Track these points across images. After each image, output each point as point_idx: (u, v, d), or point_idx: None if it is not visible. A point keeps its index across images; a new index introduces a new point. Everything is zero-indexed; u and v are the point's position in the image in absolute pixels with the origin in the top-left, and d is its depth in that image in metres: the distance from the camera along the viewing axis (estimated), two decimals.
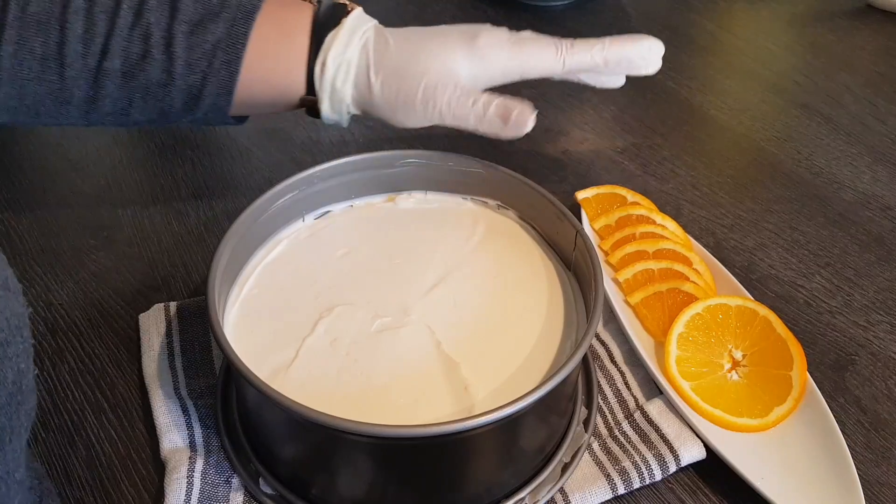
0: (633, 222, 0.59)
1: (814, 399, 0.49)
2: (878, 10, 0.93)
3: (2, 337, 0.30)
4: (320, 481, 0.44)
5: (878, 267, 0.61)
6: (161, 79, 0.50)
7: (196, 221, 0.63)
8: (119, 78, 0.49)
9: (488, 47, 0.53)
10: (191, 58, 0.49)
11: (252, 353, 0.44)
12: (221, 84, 0.51)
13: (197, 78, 0.50)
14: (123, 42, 0.48)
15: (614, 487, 0.46)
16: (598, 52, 0.55)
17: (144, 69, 0.49)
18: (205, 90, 0.51)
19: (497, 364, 0.45)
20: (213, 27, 0.50)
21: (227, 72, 0.50)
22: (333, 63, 0.52)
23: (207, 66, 0.50)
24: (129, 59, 0.49)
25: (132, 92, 0.50)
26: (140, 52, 0.49)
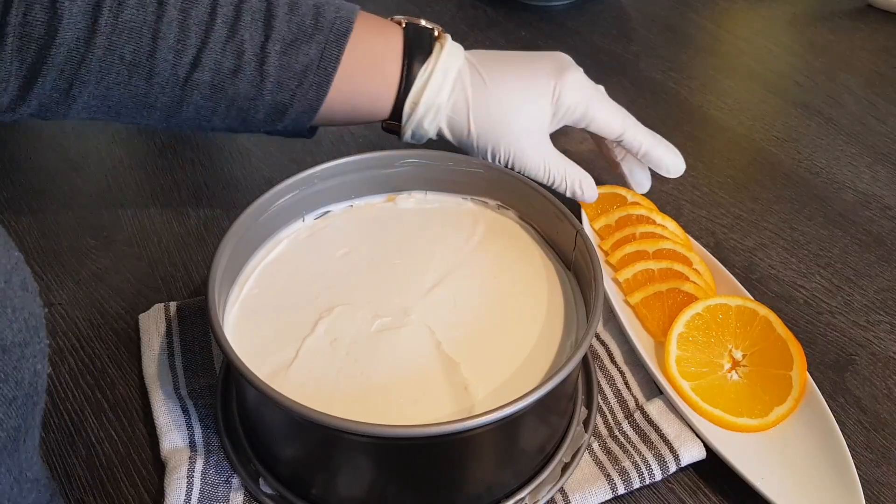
0: (633, 222, 0.59)
1: (814, 399, 0.49)
2: (878, 10, 0.93)
3: (20, 338, 0.30)
4: (320, 481, 0.44)
5: (878, 267, 0.61)
6: (249, 94, 0.50)
7: (196, 221, 0.63)
8: (207, 89, 0.50)
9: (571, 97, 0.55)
10: (282, 77, 0.50)
11: (252, 353, 0.44)
12: (308, 103, 0.52)
13: (285, 96, 0.51)
14: (216, 56, 0.48)
15: (614, 487, 0.46)
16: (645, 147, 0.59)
17: (234, 84, 0.50)
18: (291, 108, 0.51)
19: (497, 364, 0.45)
20: (307, 48, 0.50)
21: (316, 93, 0.51)
22: (425, 106, 0.53)
23: (297, 86, 0.51)
24: (220, 72, 0.49)
25: (218, 102, 0.50)
26: (232, 67, 0.49)
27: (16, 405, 0.30)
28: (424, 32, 0.54)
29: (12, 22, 0.44)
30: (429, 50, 0.54)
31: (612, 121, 0.57)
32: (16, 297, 0.30)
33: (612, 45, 0.85)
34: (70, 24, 0.45)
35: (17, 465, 0.32)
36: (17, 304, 0.30)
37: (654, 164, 0.60)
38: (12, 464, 0.31)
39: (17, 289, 0.31)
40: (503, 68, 0.55)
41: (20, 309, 0.30)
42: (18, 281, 0.31)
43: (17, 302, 0.30)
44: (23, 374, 0.30)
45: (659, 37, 0.87)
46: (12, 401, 0.30)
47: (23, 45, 0.45)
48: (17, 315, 0.30)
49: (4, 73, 0.45)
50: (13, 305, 0.30)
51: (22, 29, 0.44)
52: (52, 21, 0.45)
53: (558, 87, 0.55)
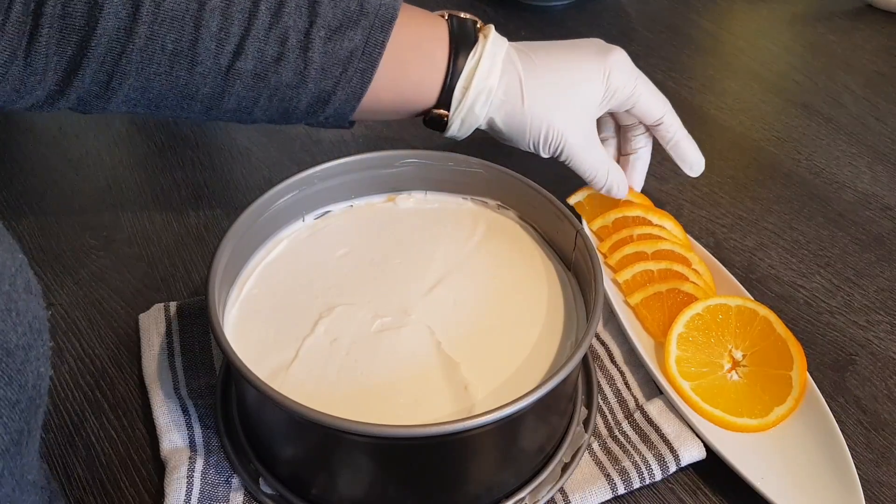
0: (630, 223, 0.59)
1: (814, 399, 0.49)
2: (878, 10, 0.93)
3: (24, 341, 0.30)
4: (320, 481, 0.44)
5: (878, 267, 0.61)
6: (292, 82, 0.49)
7: (196, 221, 0.63)
8: (250, 78, 0.49)
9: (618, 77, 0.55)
10: (326, 63, 0.49)
11: (252, 353, 0.44)
12: (352, 90, 0.51)
13: (329, 83, 0.50)
14: (259, 43, 0.48)
15: (614, 487, 0.46)
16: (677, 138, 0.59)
17: (277, 71, 0.49)
18: (334, 96, 0.50)
19: (497, 364, 0.45)
20: (352, 34, 0.49)
21: (360, 79, 0.50)
22: (476, 89, 0.53)
23: (341, 73, 0.50)
24: (264, 60, 0.48)
25: (260, 92, 0.49)
26: (275, 55, 0.48)
27: (19, 408, 0.30)
28: (467, 22, 0.54)
29: (48, 13, 0.43)
30: (473, 38, 0.53)
31: (655, 103, 0.57)
32: (20, 300, 0.30)
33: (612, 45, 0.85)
34: (111, 13, 0.44)
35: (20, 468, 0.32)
36: (22, 307, 0.30)
37: (681, 156, 0.60)
38: (15, 467, 0.31)
39: (21, 291, 0.30)
40: (549, 51, 0.55)
41: (24, 312, 0.30)
42: (23, 283, 0.31)
43: (21, 305, 0.30)
44: (26, 377, 0.30)
45: (659, 37, 0.87)
46: (15, 404, 0.30)
47: (62, 38, 0.44)
48: (21, 318, 0.30)
49: (41, 66, 0.44)
50: (17, 308, 0.30)
51: (62, 21, 0.43)
52: (92, 11, 0.44)
53: (607, 67, 0.55)
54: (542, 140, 0.55)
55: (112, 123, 0.72)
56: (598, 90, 0.55)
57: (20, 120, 0.73)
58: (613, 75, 0.55)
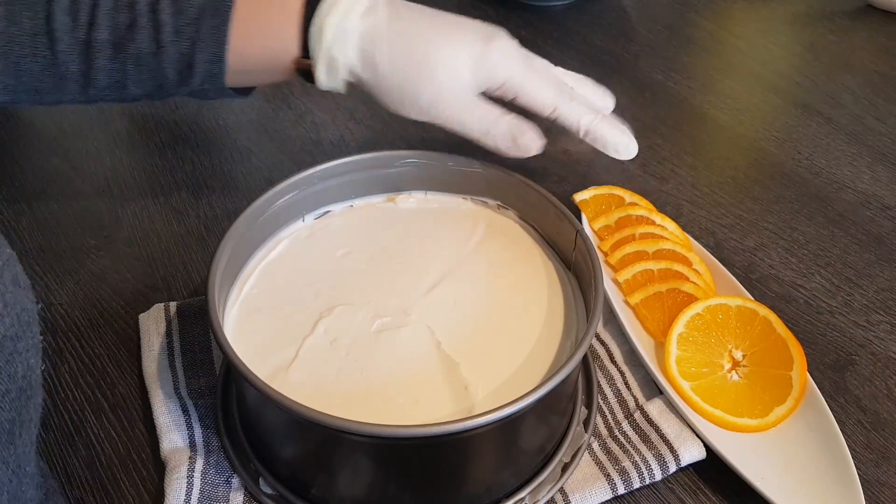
0: (633, 223, 0.59)
1: (814, 399, 0.49)
2: (878, 10, 0.93)
3: (12, 332, 0.31)
4: (320, 481, 0.44)
5: (878, 267, 0.61)
6: (151, 48, 0.49)
7: (196, 221, 0.63)
8: (109, 49, 0.49)
9: (499, 57, 0.52)
10: (178, 24, 0.49)
11: (252, 353, 0.44)
12: (212, 50, 0.49)
13: (186, 45, 0.49)
14: (110, 12, 0.48)
15: (614, 487, 0.46)
16: (584, 125, 0.55)
17: (133, 39, 0.49)
18: (195, 57, 0.50)
19: (497, 364, 0.45)
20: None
21: (216, 36, 0.49)
22: (332, 28, 0.50)
23: (195, 32, 0.49)
24: (117, 29, 0.49)
25: (125, 63, 0.50)
26: (127, 22, 0.49)
27: (9, 398, 0.31)
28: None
29: None
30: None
31: (543, 95, 0.53)
32: (7, 293, 0.31)
33: (612, 45, 0.85)
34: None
35: (15, 457, 0.32)
36: (9, 300, 0.31)
37: (600, 145, 0.56)
38: (9, 456, 0.32)
39: (8, 284, 0.31)
40: (424, 14, 0.52)
41: (12, 304, 0.31)
42: (10, 276, 0.31)
43: (8, 297, 0.31)
44: (16, 367, 0.31)
45: (659, 37, 0.87)
46: (5, 394, 0.30)
47: None
48: (8, 310, 0.31)
49: None
50: (5, 300, 0.30)
51: None
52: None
53: (485, 46, 0.51)
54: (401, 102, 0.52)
55: (112, 123, 0.72)
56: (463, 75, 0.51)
57: (20, 120, 0.73)
58: (490, 55, 0.52)
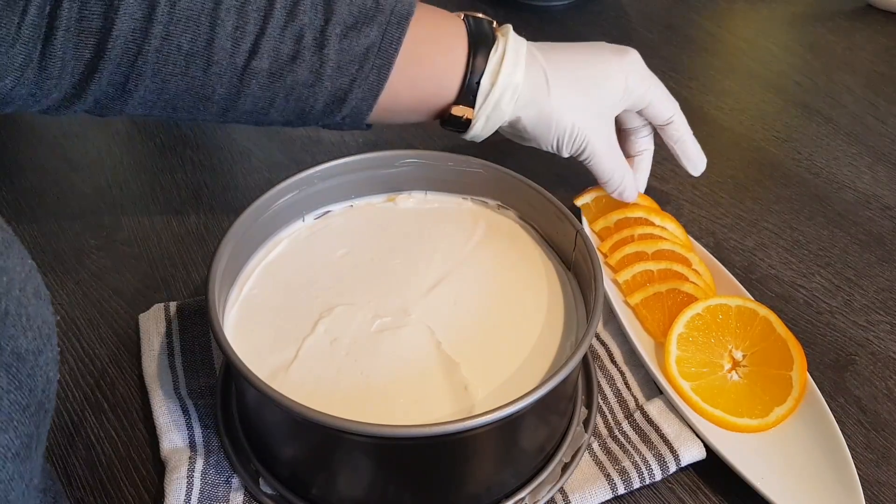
0: (632, 224, 0.59)
1: (814, 399, 0.49)
2: (878, 10, 0.93)
3: (35, 346, 0.30)
4: (320, 481, 0.44)
5: (878, 267, 0.61)
6: (308, 80, 0.49)
7: (196, 221, 0.63)
8: (265, 77, 0.48)
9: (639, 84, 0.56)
10: (342, 60, 0.49)
11: (252, 353, 0.44)
12: (369, 88, 0.50)
13: (345, 81, 0.49)
14: (275, 42, 0.47)
15: (614, 487, 0.46)
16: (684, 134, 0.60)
17: (293, 70, 0.48)
18: (351, 94, 0.50)
19: (497, 364, 0.45)
20: (367, 30, 0.49)
21: (377, 76, 0.50)
22: (503, 84, 0.52)
23: (357, 70, 0.49)
24: (279, 59, 0.48)
25: (276, 92, 0.49)
26: (291, 53, 0.48)
27: (29, 412, 0.30)
28: (483, 21, 0.54)
29: (64, 16, 0.43)
30: (492, 37, 0.53)
31: (668, 103, 0.58)
32: (30, 305, 0.30)
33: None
34: (127, 14, 0.44)
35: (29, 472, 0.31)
36: (32, 312, 0.30)
37: (687, 156, 0.60)
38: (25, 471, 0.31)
39: (31, 296, 0.30)
40: (568, 50, 0.56)
41: (34, 317, 0.30)
42: (32, 289, 0.31)
43: (31, 310, 0.30)
44: (36, 381, 0.30)
45: (659, 37, 0.87)
46: (26, 408, 0.30)
47: (79, 41, 0.44)
48: (31, 323, 0.30)
49: (56, 69, 0.44)
50: (28, 314, 0.30)
51: (78, 24, 0.43)
52: (108, 13, 0.43)
53: (625, 66, 0.56)
54: (566, 138, 0.55)
55: (112, 124, 0.72)
56: (619, 88, 0.55)
57: (21, 120, 0.73)
58: (631, 75, 0.56)
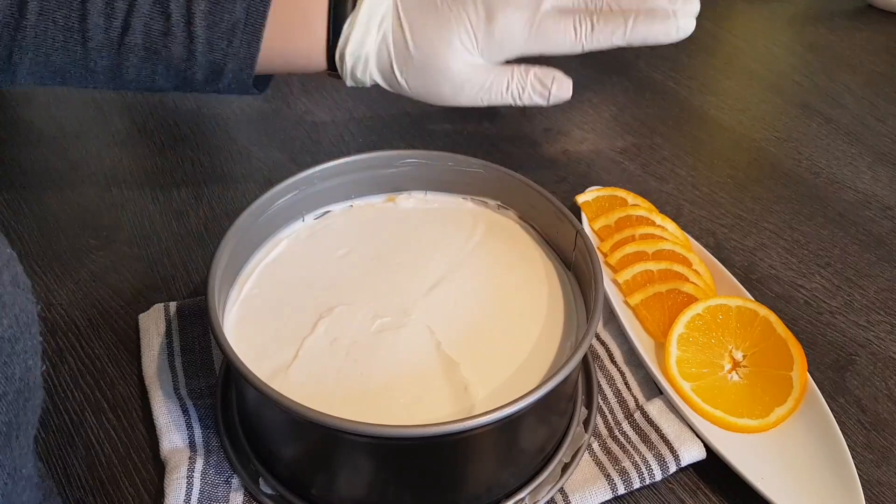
0: (633, 223, 0.59)
1: (814, 399, 0.49)
2: (878, 10, 0.93)
3: (11, 333, 0.30)
4: (320, 481, 0.44)
5: (878, 267, 0.61)
6: (182, 55, 0.51)
7: (196, 221, 0.63)
8: (142, 51, 0.51)
9: (505, 32, 0.53)
10: (211, 36, 0.51)
11: (252, 353, 0.44)
12: (242, 62, 0.52)
13: (218, 56, 0.51)
14: (145, 18, 0.50)
15: (614, 487, 0.46)
16: (621, 37, 0.54)
17: (166, 45, 0.50)
18: (226, 67, 0.52)
19: (497, 364, 0.45)
20: (232, 6, 0.51)
21: (247, 51, 0.52)
22: (351, 58, 0.53)
23: (227, 45, 0.51)
24: (151, 35, 0.50)
25: (155, 65, 0.51)
26: (161, 29, 0.50)
27: (6, 400, 0.30)
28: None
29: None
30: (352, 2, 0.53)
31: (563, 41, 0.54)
32: (6, 294, 0.30)
33: None
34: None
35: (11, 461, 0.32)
36: (8, 301, 0.30)
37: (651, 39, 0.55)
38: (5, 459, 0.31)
39: (7, 284, 0.31)
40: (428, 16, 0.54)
41: (10, 305, 0.31)
42: (9, 277, 0.31)
43: (6, 298, 0.30)
44: (13, 369, 0.31)
45: None
46: (2, 396, 0.30)
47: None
48: (7, 311, 0.30)
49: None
50: (2, 301, 0.30)
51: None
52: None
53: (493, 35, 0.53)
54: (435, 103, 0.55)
55: (112, 123, 0.73)
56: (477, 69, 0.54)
57: (20, 120, 0.73)
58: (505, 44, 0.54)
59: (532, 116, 0.74)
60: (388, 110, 0.74)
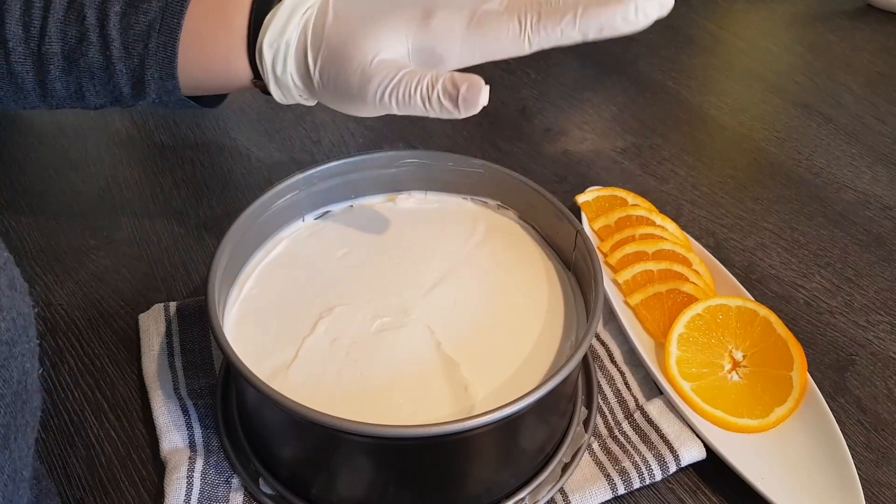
0: (633, 223, 0.59)
1: (814, 399, 0.49)
2: (878, 10, 0.93)
3: (8, 336, 0.30)
4: (320, 481, 0.44)
5: (878, 267, 0.61)
6: (100, 62, 0.48)
7: (196, 221, 0.63)
8: (62, 61, 0.48)
9: (441, 32, 0.46)
10: (126, 40, 0.47)
11: (252, 353, 0.44)
12: (161, 67, 0.48)
13: (135, 62, 0.48)
14: (60, 24, 0.47)
15: (614, 487, 0.46)
16: (571, 25, 0.46)
17: (84, 53, 0.48)
18: (146, 74, 0.48)
19: (497, 364, 0.45)
20: (146, 6, 0.47)
21: (165, 55, 0.47)
22: (270, 50, 0.47)
23: (143, 49, 0.47)
24: (68, 42, 0.47)
25: (79, 76, 0.48)
26: (77, 35, 0.47)
27: (4, 403, 0.30)
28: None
29: None
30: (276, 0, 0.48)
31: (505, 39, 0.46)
32: (3, 297, 0.30)
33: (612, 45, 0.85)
34: None
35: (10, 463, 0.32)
36: (5, 304, 0.30)
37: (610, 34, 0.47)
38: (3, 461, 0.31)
39: (4, 288, 0.31)
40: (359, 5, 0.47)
41: (8, 308, 0.30)
42: (6, 280, 0.31)
43: (4, 301, 0.30)
44: (11, 372, 0.30)
45: (659, 37, 0.87)
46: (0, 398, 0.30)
47: None
48: (3, 314, 0.30)
49: None
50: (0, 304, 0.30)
51: None
52: None
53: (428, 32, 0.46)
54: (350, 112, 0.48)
55: (112, 123, 0.73)
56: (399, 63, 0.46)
57: (20, 120, 0.73)
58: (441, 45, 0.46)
59: (532, 116, 0.74)
60: None
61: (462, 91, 0.44)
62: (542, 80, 0.54)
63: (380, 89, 0.45)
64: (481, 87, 0.44)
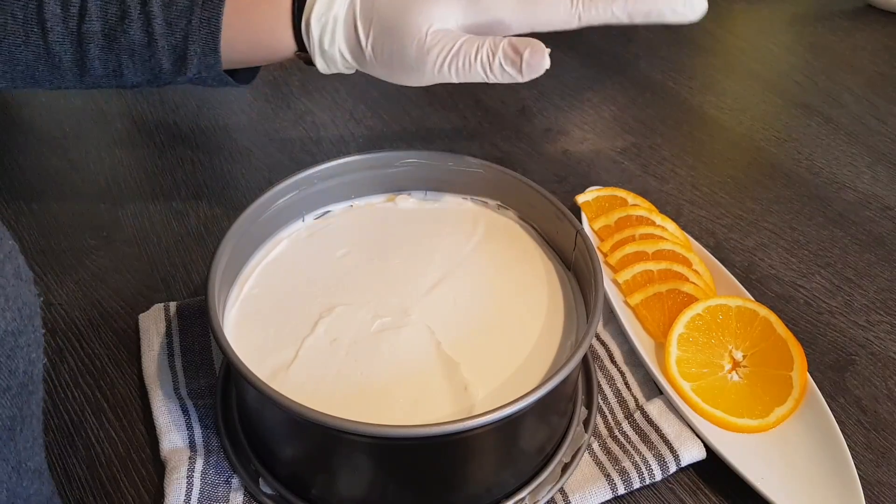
0: (633, 223, 0.59)
1: (814, 399, 0.49)
2: (878, 10, 0.93)
3: (14, 326, 0.30)
4: (320, 481, 0.44)
5: (878, 267, 0.61)
6: (143, 40, 0.49)
7: (196, 221, 0.63)
8: (101, 39, 0.48)
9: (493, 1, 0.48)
10: (169, 17, 0.48)
11: (252, 353, 0.44)
12: (204, 42, 0.49)
13: (178, 37, 0.48)
14: (100, 2, 0.48)
15: (614, 487, 0.46)
16: (622, 7, 0.48)
17: (125, 30, 0.48)
18: (189, 49, 0.49)
19: (497, 364, 0.45)
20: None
21: (209, 29, 0.48)
22: (318, 24, 0.48)
23: (187, 25, 0.48)
24: (108, 20, 0.48)
25: (119, 54, 0.49)
26: (118, 13, 0.48)
27: (10, 394, 0.30)
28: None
29: None
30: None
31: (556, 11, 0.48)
32: (9, 286, 0.30)
33: (612, 45, 0.85)
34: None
35: (16, 454, 0.32)
36: (11, 293, 0.30)
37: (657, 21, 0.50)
38: (9, 453, 0.31)
39: (10, 277, 0.30)
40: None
41: (14, 298, 0.30)
42: (12, 269, 0.31)
43: (10, 291, 0.30)
44: (17, 363, 0.30)
45: (659, 37, 0.87)
46: (6, 390, 0.30)
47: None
48: (10, 304, 0.30)
49: None
50: (6, 294, 0.30)
51: None
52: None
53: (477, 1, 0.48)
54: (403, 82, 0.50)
55: (112, 123, 0.73)
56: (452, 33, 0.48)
57: (20, 120, 0.73)
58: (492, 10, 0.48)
59: (532, 116, 0.74)
60: (388, 110, 0.74)
61: (525, 56, 0.46)
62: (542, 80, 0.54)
63: (439, 59, 0.47)
64: (544, 50, 0.46)
